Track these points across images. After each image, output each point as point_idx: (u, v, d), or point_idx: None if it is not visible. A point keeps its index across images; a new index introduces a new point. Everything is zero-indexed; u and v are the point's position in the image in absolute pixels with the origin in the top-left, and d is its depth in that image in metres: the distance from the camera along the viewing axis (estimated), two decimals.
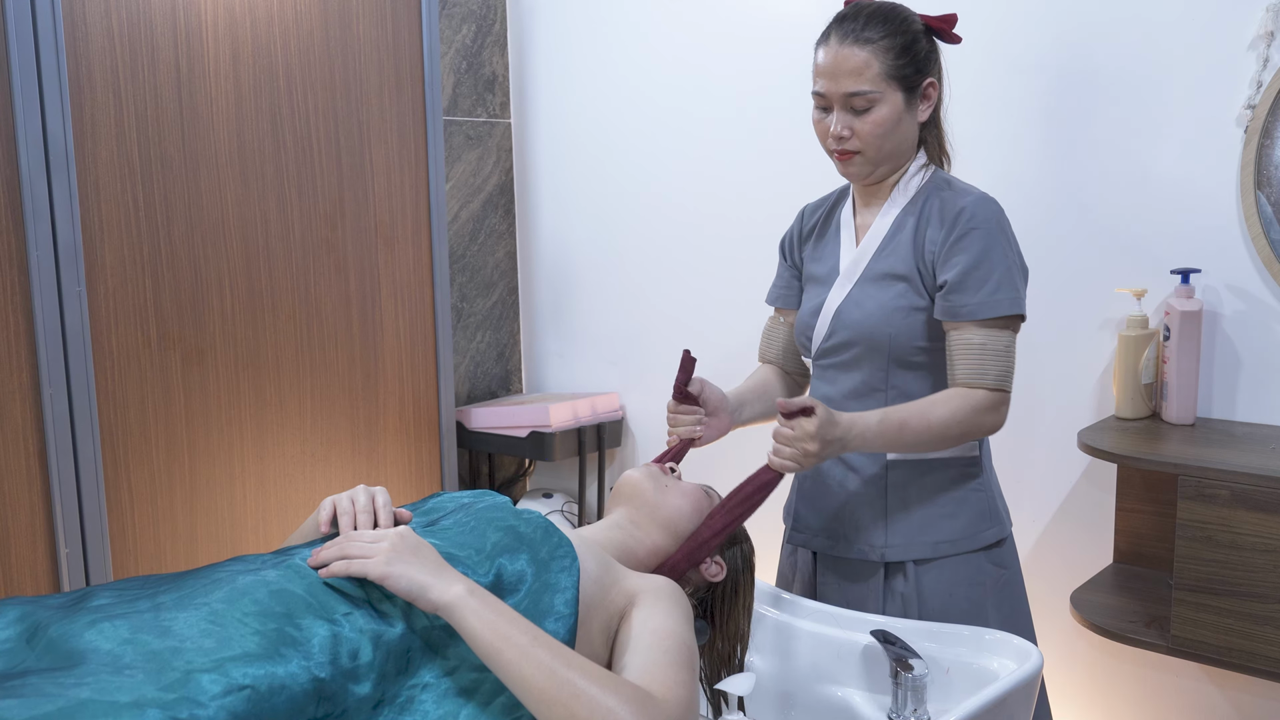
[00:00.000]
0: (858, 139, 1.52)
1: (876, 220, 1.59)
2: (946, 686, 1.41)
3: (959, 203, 1.52)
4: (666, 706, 1.05)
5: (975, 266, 1.48)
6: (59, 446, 1.89)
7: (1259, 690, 2.00)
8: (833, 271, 1.63)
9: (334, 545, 1.11)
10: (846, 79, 1.50)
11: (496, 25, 2.92)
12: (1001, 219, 1.53)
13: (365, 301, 2.36)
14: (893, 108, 1.51)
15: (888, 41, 1.50)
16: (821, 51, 1.53)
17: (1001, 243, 1.50)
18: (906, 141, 1.56)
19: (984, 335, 1.48)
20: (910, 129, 1.56)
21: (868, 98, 1.50)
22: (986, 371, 1.48)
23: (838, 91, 1.51)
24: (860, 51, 1.49)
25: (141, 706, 0.89)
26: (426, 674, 1.07)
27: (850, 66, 1.49)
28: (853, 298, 1.58)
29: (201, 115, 2.06)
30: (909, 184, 1.58)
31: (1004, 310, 1.48)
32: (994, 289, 1.47)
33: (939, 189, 1.56)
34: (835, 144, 1.54)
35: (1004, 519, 1.63)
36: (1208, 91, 1.95)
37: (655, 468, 1.45)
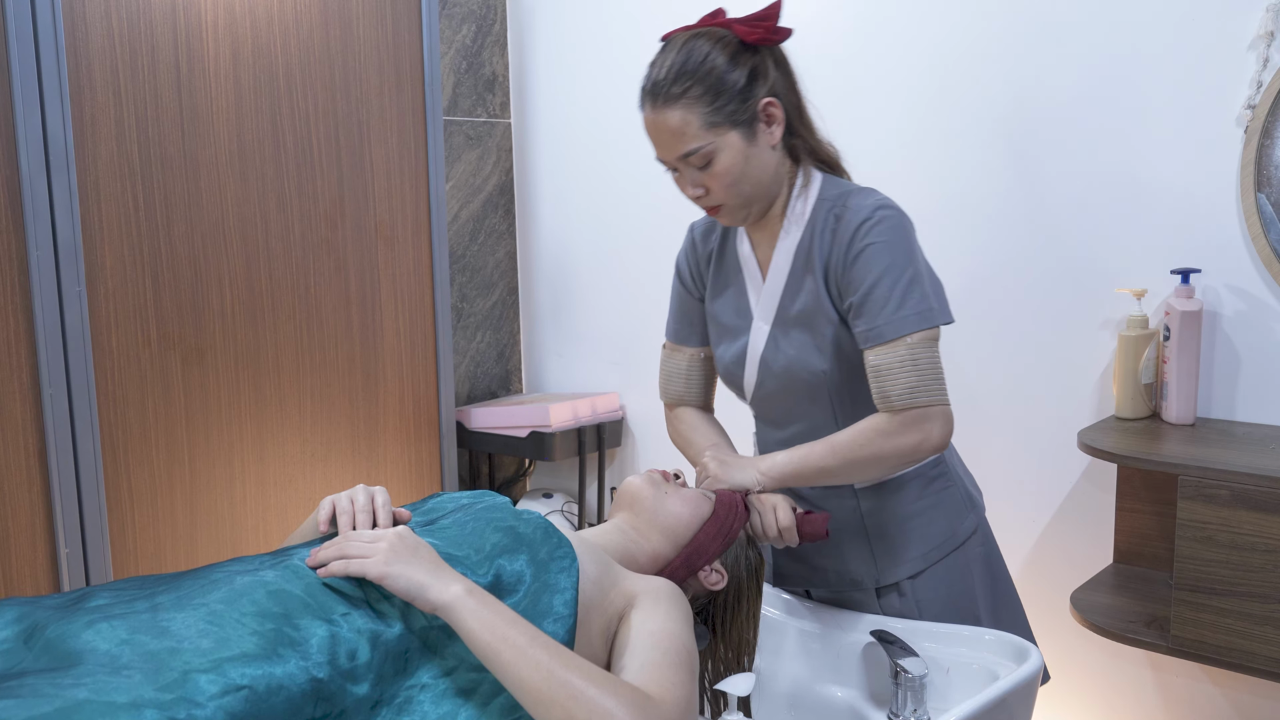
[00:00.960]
0: (713, 194, 1.43)
1: (776, 253, 1.49)
2: (946, 686, 1.41)
3: (852, 220, 1.42)
4: (665, 708, 1.05)
5: (876, 285, 1.39)
6: (59, 446, 1.89)
7: (1259, 690, 2.00)
8: (743, 314, 1.54)
9: (333, 545, 1.11)
10: (673, 142, 1.40)
11: (496, 25, 2.92)
12: (899, 227, 1.41)
13: (365, 301, 2.36)
14: (733, 151, 1.40)
15: (697, 89, 1.38)
16: (643, 118, 1.43)
17: (901, 256, 1.40)
18: (766, 174, 1.45)
19: (884, 354, 1.39)
20: (764, 160, 1.44)
21: (702, 153, 1.39)
22: (886, 392, 1.39)
23: (671, 156, 1.42)
24: (673, 112, 1.38)
25: (139, 707, 0.89)
26: (425, 674, 1.06)
27: (670, 130, 1.39)
28: (775, 342, 1.50)
29: (201, 115, 2.06)
30: (795, 209, 1.48)
31: (911, 328, 1.38)
32: (897, 307, 1.38)
33: (831, 207, 1.46)
34: (696, 202, 1.45)
35: (976, 500, 1.59)
36: (1208, 91, 1.95)
37: (657, 474, 1.44)
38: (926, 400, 1.39)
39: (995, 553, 1.62)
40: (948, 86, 2.23)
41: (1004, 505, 2.24)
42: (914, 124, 2.29)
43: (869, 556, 1.54)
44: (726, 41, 1.41)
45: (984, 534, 1.60)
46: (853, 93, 2.36)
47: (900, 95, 2.30)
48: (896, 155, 2.31)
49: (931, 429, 1.40)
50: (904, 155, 2.31)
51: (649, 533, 1.37)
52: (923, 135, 2.28)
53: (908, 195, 2.29)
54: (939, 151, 2.26)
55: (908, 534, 1.53)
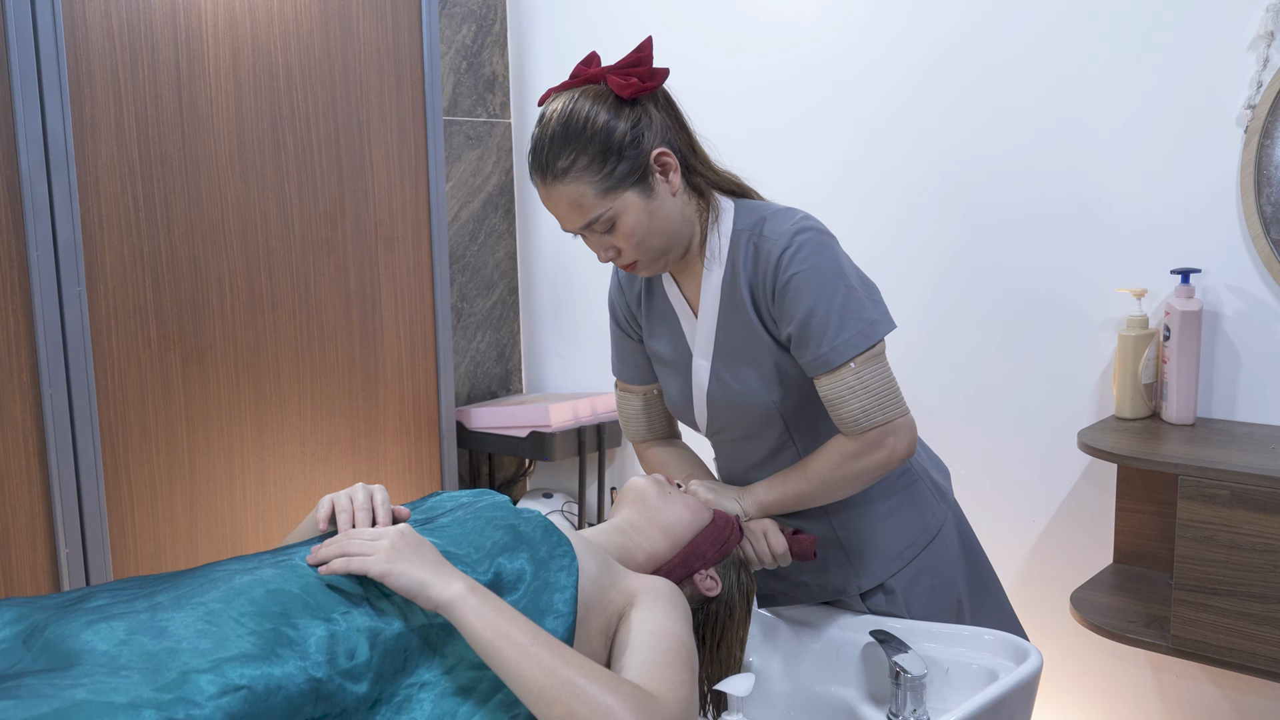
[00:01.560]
0: (625, 254, 1.40)
1: (704, 289, 1.46)
2: (946, 686, 1.41)
3: (772, 250, 1.39)
4: (665, 706, 1.05)
5: (811, 315, 1.36)
6: (59, 446, 1.89)
7: (1259, 690, 2.00)
8: (681, 351, 1.52)
9: (334, 543, 1.11)
10: (572, 216, 1.37)
11: (496, 25, 2.92)
12: (821, 247, 1.38)
13: (365, 301, 2.36)
14: (635, 210, 1.36)
15: (583, 161, 1.33)
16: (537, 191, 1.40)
17: (829, 278, 1.37)
18: (673, 222, 1.41)
19: (831, 383, 1.38)
20: (668, 209, 1.40)
21: (604, 220, 1.36)
22: (843, 419, 1.39)
23: (573, 228, 1.39)
24: (564, 186, 1.35)
25: (137, 708, 0.89)
26: (424, 673, 1.06)
27: (566, 204, 1.36)
28: (718, 378, 1.48)
29: (201, 115, 2.06)
30: (712, 244, 1.44)
31: (854, 351, 1.36)
32: (836, 332, 1.36)
33: (750, 237, 1.43)
34: (611, 263, 1.44)
35: (944, 486, 1.59)
36: (1208, 92, 1.95)
37: (661, 477, 1.45)
38: (883, 419, 1.39)
39: (971, 538, 1.63)
40: (942, 84, 2.23)
41: (1004, 505, 2.24)
42: (914, 119, 2.29)
43: (849, 567, 1.55)
44: (604, 98, 1.36)
45: (957, 519, 1.61)
46: (857, 77, 2.36)
47: (895, 91, 2.30)
48: (899, 147, 2.31)
49: (896, 443, 1.41)
50: (904, 150, 2.31)
51: (649, 531, 1.37)
52: (922, 133, 2.28)
53: (907, 195, 2.30)
54: (938, 150, 2.26)
55: (881, 538, 1.53)
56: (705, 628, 1.40)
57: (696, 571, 1.38)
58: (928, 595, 1.55)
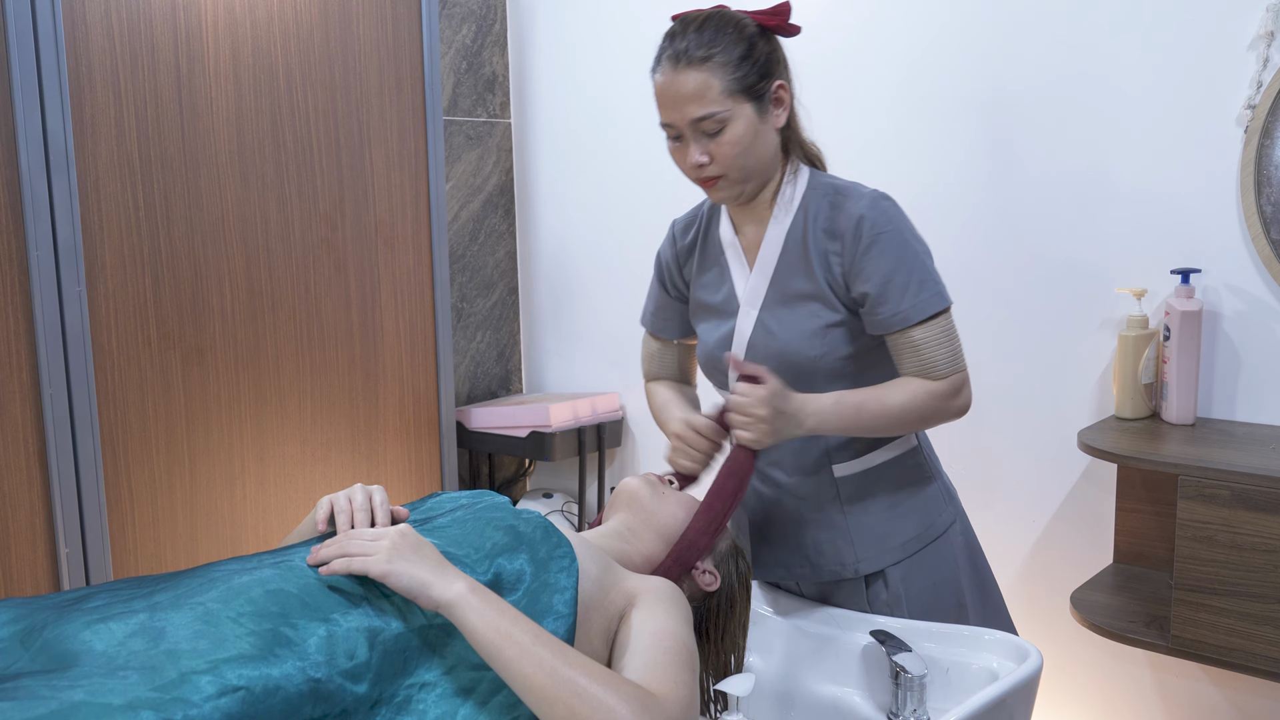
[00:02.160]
0: (717, 163, 1.44)
1: (765, 239, 1.51)
2: (946, 686, 1.41)
3: (853, 210, 1.45)
4: (667, 705, 1.05)
5: (894, 273, 1.43)
6: (59, 446, 1.89)
7: (1259, 690, 2.00)
8: (730, 300, 1.55)
9: (334, 543, 1.11)
10: (690, 105, 1.41)
11: (496, 25, 2.92)
12: (900, 216, 1.46)
13: (365, 301, 2.36)
14: (746, 122, 1.42)
15: (723, 55, 1.40)
16: (658, 78, 1.44)
17: (910, 241, 1.45)
18: (769, 153, 1.48)
19: (922, 333, 1.44)
20: (769, 139, 1.47)
21: (717, 119, 1.41)
22: (936, 363, 1.45)
23: (684, 119, 1.42)
24: (697, 73, 1.40)
25: (135, 708, 0.88)
26: (424, 673, 1.06)
27: (690, 90, 1.40)
28: (763, 325, 1.51)
29: (201, 115, 2.06)
30: (785, 195, 1.50)
31: (933, 309, 1.44)
32: (918, 291, 1.43)
33: (824, 195, 1.49)
34: (695, 172, 1.46)
35: (953, 495, 1.62)
36: (1208, 91, 1.95)
37: (653, 477, 1.45)
38: (962, 365, 1.48)
39: (975, 544, 1.64)
40: (942, 84, 2.23)
41: (1004, 505, 2.24)
42: (910, 123, 2.29)
43: (848, 544, 1.55)
44: (747, 22, 1.45)
45: (963, 526, 1.62)
46: (843, 86, 2.36)
47: (891, 92, 2.30)
48: (892, 153, 2.31)
49: (967, 393, 1.50)
50: (901, 153, 2.30)
51: (644, 534, 1.37)
52: (920, 134, 2.28)
53: (905, 195, 2.29)
54: (938, 151, 2.26)
55: (885, 523, 1.55)
56: (708, 621, 1.40)
57: (694, 565, 1.38)
58: (928, 593, 1.55)
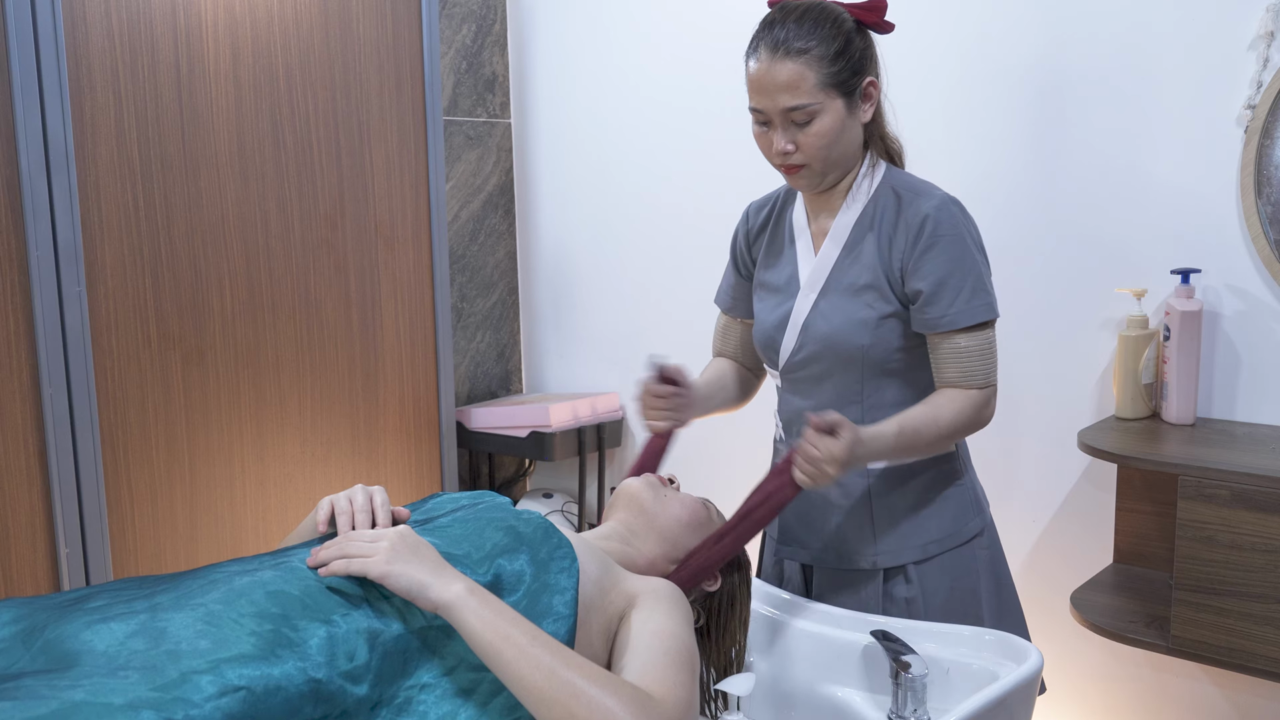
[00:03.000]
0: (802, 152, 1.46)
1: (833, 227, 1.54)
2: (946, 686, 1.41)
3: (922, 209, 1.47)
4: (665, 707, 1.05)
5: (949, 276, 1.45)
6: (59, 446, 1.89)
7: (1259, 690, 2.00)
8: (792, 281, 1.58)
9: (333, 545, 1.11)
10: (782, 94, 1.43)
11: (496, 25, 2.92)
12: (967, 222, 1.49)
13: (365, 301, 2.36)
14: (835, 116, 1.45)
15: (820, 49, 1.42)
16: (752, 64, 1.45)
17: (971, 248, 1.47)
18: (853, 146, 1.50)
19: (967, 340, 1.47)
20: (855, 133, 1.50)
21: (807, 110, 1.43)
22: (975, 373, 1.48)
23: (775, 107, 1.44)
24: (793, 64, 1.41)
25: (136, 708, 0.88)
26: (424, 674, 1.06)
27: (784, 80, 1.42)
28: (819, 310, 1.53)
29: (201, 115, 2.06)
30: (860, 188, 1.53)
31: (982, 316, 1.47)
32: (970, 296, 1.46)
33: (897, 191, 1.51)
34: (780, 159, 1.48)
35: (984, 507, 1.63)
36: (1208, 91, 1.95)
37: (654, 478, 1.45)
38: (996, 379, 1.51)
39: (1001, 560, 1.65)
40: (943, 85, 2.23)
41: (1004, 505, 2.24)
42: (911, 125, 2.29)
43: (870, 537, 1.56)
44: (846, 18, 1.47)
45: (990, 539, 1.62)
46: None
47: (894, 93, 2.30)
48: None
49: (994, 404, 1.53)
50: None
51: (646, 536, 1.37)
52: (921, 136, 2.27)
53: None
54: (938, 152, 2.26)
55: (911, 521, 1.55)
56: (709, 619, 1.40)
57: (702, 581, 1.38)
58: (945, 597, 1.56)
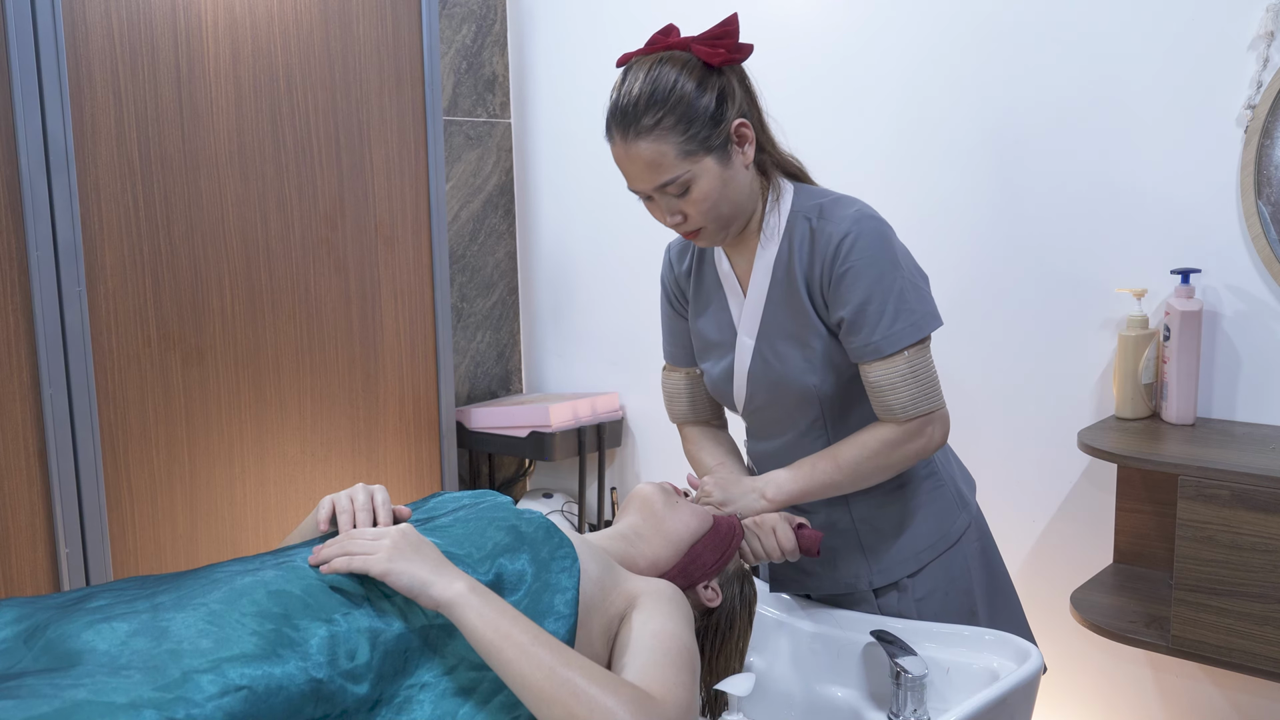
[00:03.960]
0: (691, 220, 1.42)
1: (755, 268, 1.49)
2: (947, 687, 1.41)
3: (833, 232, 1.41)
4: (665, 707, 1.05)
5: (867, 303, 1.39)
6: (59, 446, 1.89)
7: (1259, 690, 2.00)
8: (727, 329, 1.54)
9: (335, 543, 1.11)
10: (647, 175, 1.39)
11: (496, 25, 2.92)
12: (882, 238, 1.41)
13: (365, 301, 2.36)
14: (710, 176, 1.39)
15: (668, 120, 1.36)
16: (611, 147, 1.42)
17: (887, 268, 1.40)
18: (743, 193, 1.44)
19: (884, 370, 1.41)
20: (740, 180, 1.43)
21: (679, 182, 1.38)
22: (890, 406, 1.42)
23: (648, 188, 1.41)
24: (646, 143, 1.37)
25: (138, 708, 0.89)
26: (424, 674, 1.06)
27: (644, 162, 1.38)
28: (761, 357, 1.50)
29: (201, 115, 2.06)
30: (769, 222, 1.47)
31: (906, 341, 1.40)
32: (891, 321, 1.39)
33: (808, 218, 1.45)
34: (675, 229, 1.45)
35: (968, 498, 1.60)
36: (1208, 91, 1.95)
37: (669, 485, 1.45)
38: (928, 408, 1.43)
39: (992, 549, 1.63)
40: (944, 86, 2.23)
41: (1004, 505, 2.24)
42: (912, 123, 2.29)
43: (862, 561, 1.55)
44: (691, 66, 1.39)
45: (979, 530, 1.61)
46: (846, 87, 2.36)
47: (895, 94, 2.30)
48: (895, 155, 2.31)
49: (934, 432, 1.45)
50: (903, 155, 2.30)
51: (653, 538, 1.37)
52: (922, 136, 2.28)
53: (907, 196, 2.30)
54: (939, 152, 2.26)
55: (900, 536, 1.54)
56: (705, 638, 1.40)
57: (698, 583, 1.38)
58: (941, 600, 1.55)
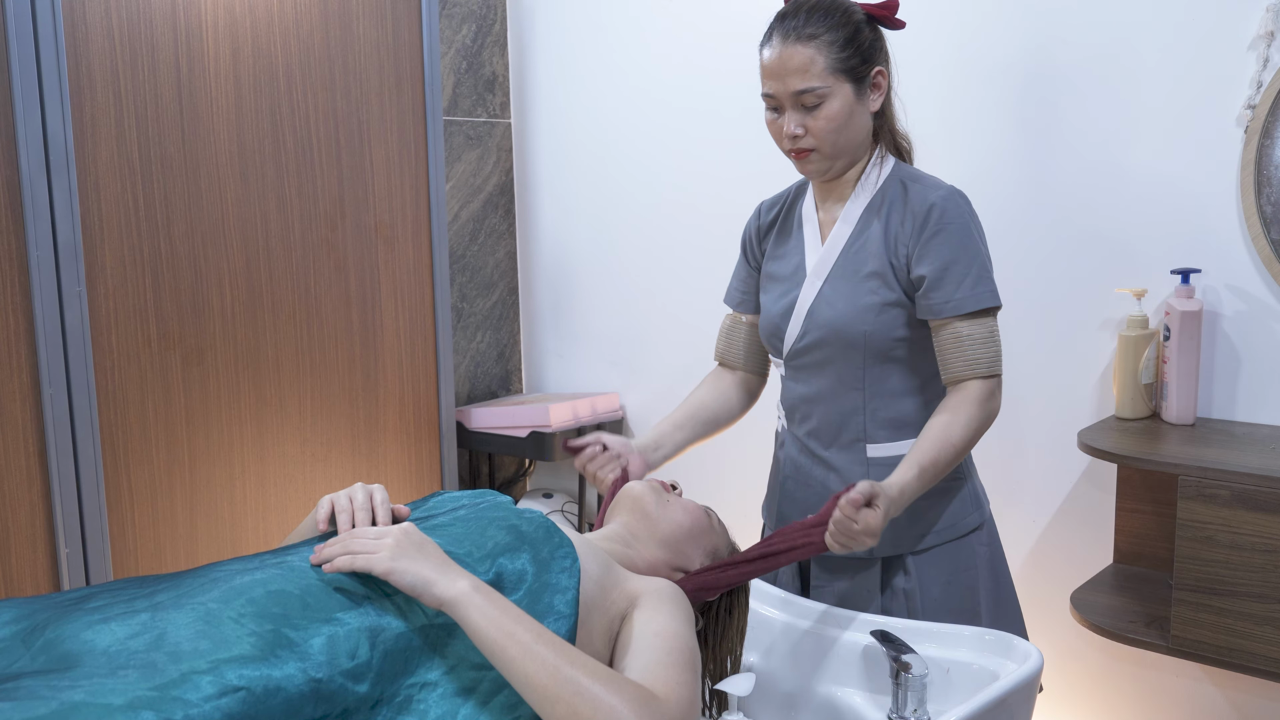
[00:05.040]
0: (811, 136, 1.51)
1: (841, 216, 1.58)
2: (946, 686, 1.41)
3: (928, 198, 1.51)
4: (668, 706, 1.05)
5: (954, 262, 1.49)
6: (59, 446, 1.89)
7: (1259, 690, 2.00)
8: (799, 270, 1.61)
9: (337, 542, 1.11)
10: (793, 77, 1.48)
11: (496, 25, 2.92)
12: (971, 213, 1.53)
13: (365, 301, 2.36)
14: (844, 101, 1.50)
15: (830, 35, 1.48)
16: (766, 51, 1.51)
17: (975, 237, 1.51)
18: (861, 134, 1.55)
19: (971, 327, 1.49)
20: (864, 121, 1.54)
21: (817, 94, 1.48)
22: (979, 361, 1.49)
23: (786, 91, 1.50)
24: (804, 48, 1.48)
25: (135, 708, 0.88)
26: (425, 673, 1.06)
27: (795, 64, 1.48)
28: (824, 296, 1.56)
29: (201, 115, 2.06)
30: (869, 178, 1.57)
31: (986, 303, 1.49)
32: (974, 283, 1.49)
33: (903, 182, 1.55)
34: (790, 143, 1.53)
35: (984, 503, 1.64)
36: (1208, 91, 1.95)
37: (657, 483, 1.45)
38: (1000, 369, 1.52)
39: (1000, 560, 1.65)
40: (944, 87, 2.23)
41: (1004, 505, 2.24)
42: (912, 122, 2.29)
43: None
44: (856, 10, 1.53)
45: (990, 535, 1.63)
46: None
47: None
48: None
49: (1000, 396, 1.53)
50: None
51: (647, 540, 1.37)
52: (922, 137, 2.27)
53: None
54: (939, 151, 2.26)
55: (910, 512, 1.55)
56: (706, 626, 1.40)
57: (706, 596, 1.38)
58: (943, 589, 1.57)
